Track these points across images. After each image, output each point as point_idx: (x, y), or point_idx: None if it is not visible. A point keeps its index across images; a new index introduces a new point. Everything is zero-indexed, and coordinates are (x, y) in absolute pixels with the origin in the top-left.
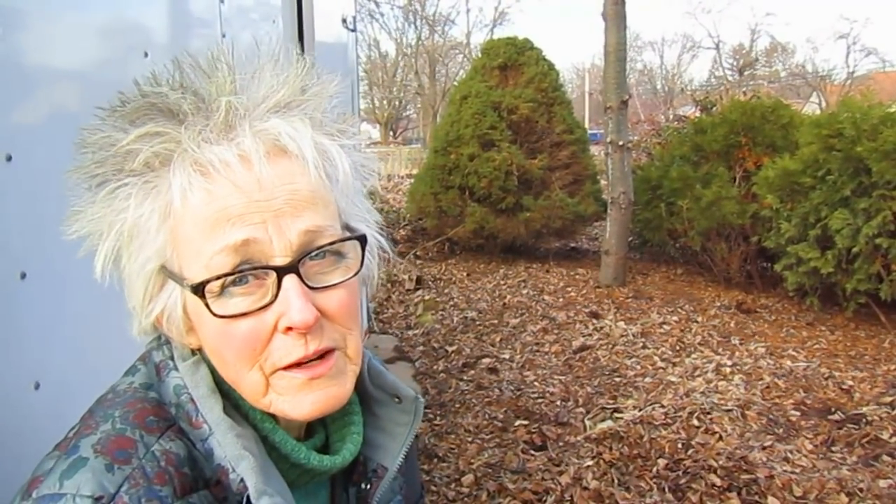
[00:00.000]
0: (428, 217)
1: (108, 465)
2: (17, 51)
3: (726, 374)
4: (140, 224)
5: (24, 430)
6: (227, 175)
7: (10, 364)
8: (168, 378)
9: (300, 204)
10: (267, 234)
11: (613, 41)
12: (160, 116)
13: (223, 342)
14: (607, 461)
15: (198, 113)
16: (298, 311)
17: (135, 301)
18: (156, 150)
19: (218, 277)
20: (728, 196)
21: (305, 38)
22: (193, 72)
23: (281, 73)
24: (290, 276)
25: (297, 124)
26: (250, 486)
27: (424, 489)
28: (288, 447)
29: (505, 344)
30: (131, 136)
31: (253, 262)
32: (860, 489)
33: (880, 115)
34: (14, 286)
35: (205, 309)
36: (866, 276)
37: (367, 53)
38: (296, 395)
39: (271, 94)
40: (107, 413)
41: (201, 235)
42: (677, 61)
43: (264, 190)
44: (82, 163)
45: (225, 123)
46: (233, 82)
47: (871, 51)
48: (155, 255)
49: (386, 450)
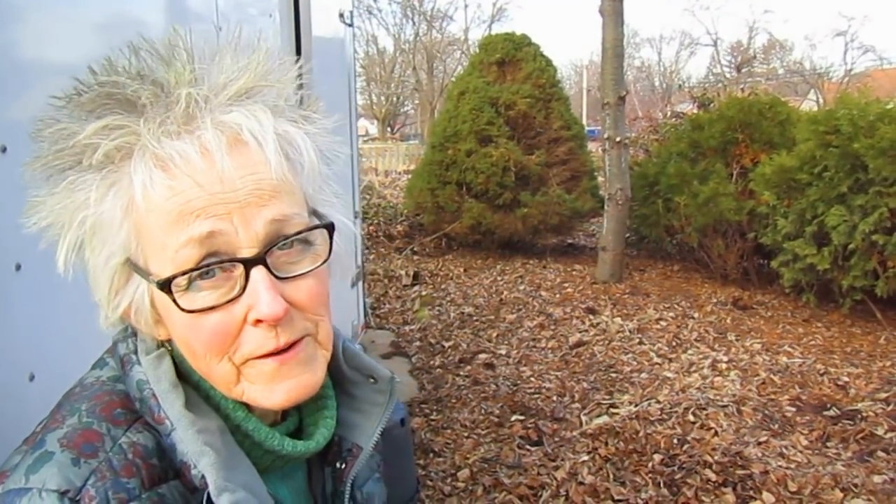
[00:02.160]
0: (425, 213)
1: (75, 458)
2: (13, 44)
3: (722, 370)
4: (102, 218)
5: (18, 422)
6: (188, 170)
7: (6, 355)
8: (132, 372)
9: (265, 194)
10: (232, 226)
11: (611, 37)
12: (118, 107)
13: (192, 335)
14: (603, 456)
15: (157, 103)
16: (267, 305)
17: (100, 294)
18: (116, 145)
19: (184, 273)
20: (725, 192)
21: (302, 32)
22: (151, 58)
23: (241, 59)
24: (258, 267)
25: (259, 115)
26: (210, 483)
27: (420, 484)
28: (261, 435)
29: (501, 339)
30: (89, 129)
31: (219, 255)
32: (855, 484)
33: (877, 112)
34: (9, 278)
35: (172, 303)
36: (862, 272)
37: (364, 49)
38: (267, 384)
39: (232, 81)
40: (73, 407)
41: (165, 229)
42: (675, 58)
43: (227, 182)
44: (40, 154)
45: (185, 115)
46: (192, 71)
47: (868, 48)
48: (119, 249)
49: (361, 429)
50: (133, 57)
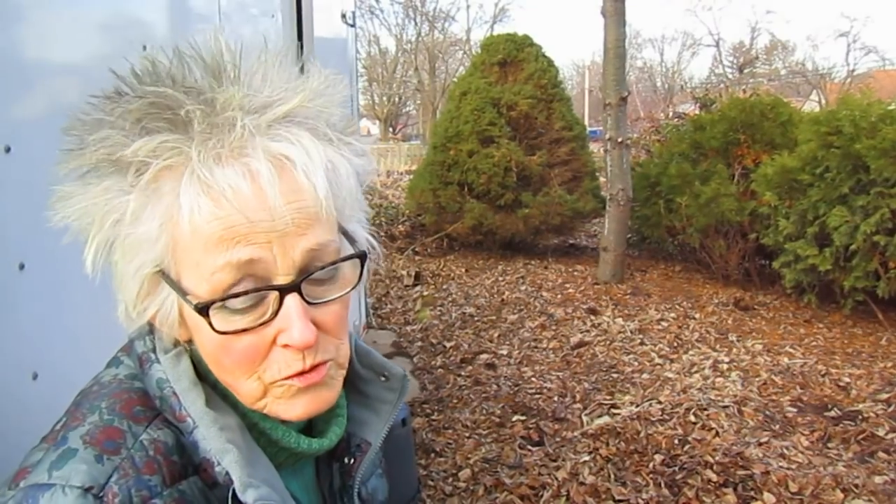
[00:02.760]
0: (427, 213)
1: (98, 455)
2: (17, 44)
3: (723, 371)
4: (138, 228)
5: (22, 421)
6: (237, 201)
7: (9, 354)
8: (151, 371)
9: (305, 222)
10: (271, 254)
11: (613, 38)
12: (166, 123)
13: (222, 353)
14: (604, 456)
15: (204, 121)
16: (300, 333)
17: (126, 298)
18: (165, 165)
19: (223, 299)
20: (727, 193)
21: (304, 33)
22: (196, 66)
23: (290, 79)
24: (293, 294)
25: (309, 145)
26: (235, 479)
27: (421, 484)
28: (278, 433)
29: (503, 340)
30: (138, 146)
31: (255, 279)
32: (855, 485)
33: (879, 113)
34: (12, 277)
35: (201, 318)
36: (864, 273)
37: (366, 49)
38: (289, 400)
39: (280, 101)
40: (93, 405)
41: (203, 249)
42: (677, 59)
43: (272, 211)
44: (79, 154)
45: (238, 143)
46: (245, 95)
47: (871, 49)
48: (151, 260)
49: (370, 426)
50: (177, 63)
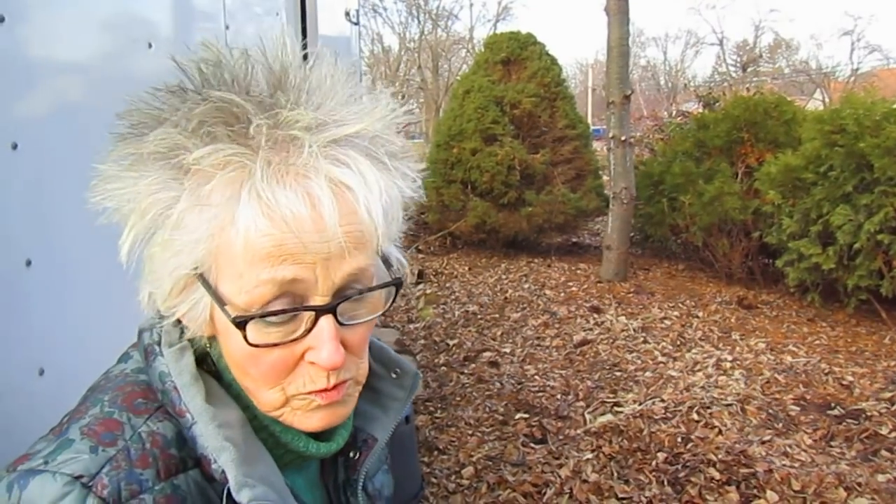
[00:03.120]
0: (430, 211)
1: (93, 446)
2: (23, 42)
3: (726, 369)
4: (184, 228)
5: (28, 416)
6: (294, 225)
7: (16, 350)
8: (154, 363)
9: (351, 246)
10: (314, 275)
11: (616, 36)
12: (229, 131)
13: (250, 363)
14: (607, 454)
15: (270, 137)
16: (329, 355)
17: (157, 291)
18: (228, 178)
19: (262, 315)
20: (730, 192)
21: (308, 31)
22: (263, 74)
23: (354, 98)
24: (327, 317)
25: (367, 172)
26: (230, 478)
27: (425, 481)
28: (287, 437)
29: (506, 338)
30: (200, 154)
31: (293, 296)
32: (858, 483)
33: (883, 111)
34: (19, 273)
35: (235, 330)
36: (867, 272)
37: (370, 48)
38: (307, 413)
39: (345, 124)
40: (97, 398)
41: (249, 262)
42: (681, 57)
43: (323, 234)
44: (135, 143)
45: (302, 164)
46: (313, 118)
47: (875, 48)
48: (192, 262)
49: (378, 422)
50: (243, 67)
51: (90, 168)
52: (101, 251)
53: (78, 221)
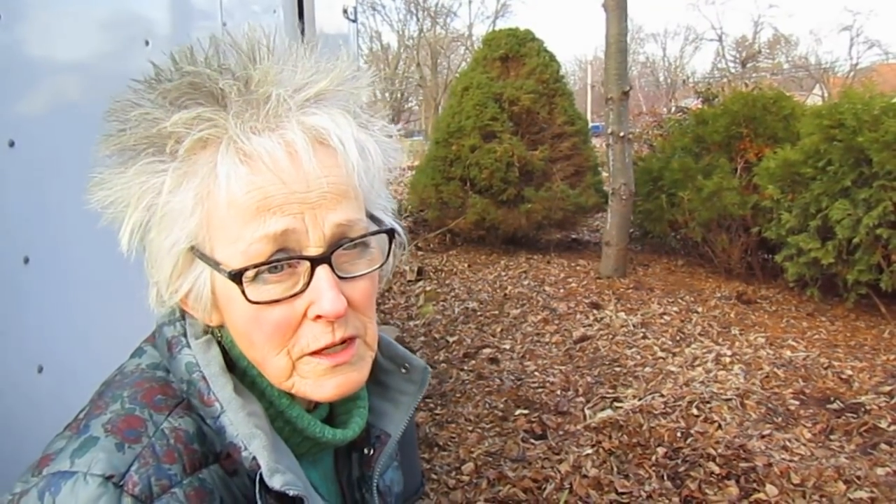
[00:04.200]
0: (429, 208)
1: (119, 444)
2: (21, 40)
3: (726, 364)
4: (173, 204)
5: (27, 413)
6: (274, 167)
7: (14, 347)
8: (180, 355)
9: (336, 197)
10: (304, 225)
11: (614, 32)
12: (202, 98)
13: (253, 326)
14: (607, 450)
15: (241, 99)
16: (330, 302)
17: (160, 277)
18: (202, 136)
19: (256, 266)
20: (729, 187)
21: (306, 28)
22: (232, 53)
23: (319, 62)
24: (323, 266)
25: (340, 119)
26: (263, 464)
27: (425, 477)
28: (304, 422)
29: (506, 334)
30: (176, 118)
31: (288, 251)
32: (858, 477)
33: (882, 106)
34: (17, 270)
35: (237, 293)
36: (867, 266)
37: (368, 45)
38: (318, 379)
39: (311, 83)
40: (115, 394)
41: (239, 221)
42: (680, 53)
43: (305, 182)
44: (118, 136)
45: (273, 114)
46: (279, 72)
47: (874, 43)
48: (185, 236)
49: (390, 417)
50: (213, 50)
51: (88, 165)
52: (100, 248)
53: (76, 218)
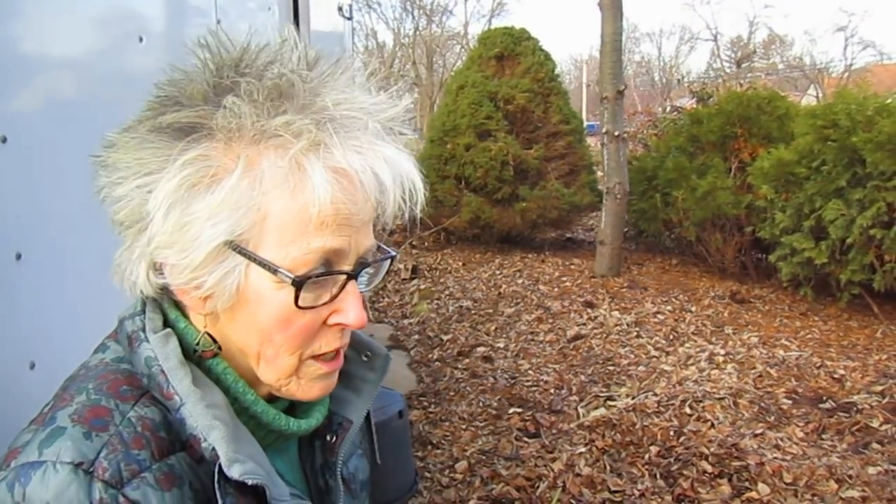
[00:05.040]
0: (424, 207)
1: (86, 432)
2: (14, 36)
3: (719, 363)
4: (232, 198)
5: (19, 410)
6: (354, 188)
7: (6, 344)
8: (140, 349)
9: (369, 222)
10: (350, 246)
11: (610, 31)
12: (288, 106)
13: (281, 327)
14: (600, 448)
15: (333, 113)
16: (358, 314)
17: (184, 263)
18: (292, 147)
19: (317, 276)
20: (723, 187)
21: (301, 26)
22: (304, 60)
23: (371, 89)
24: (353, 281)
25: (404, 155)
26: (221, 455)
27: (419, 476)
28: (269, 417)
29: (500, 333)
30: (277, 122)
31: (328, 264)
32: (849, 476)
33: (875, 106)
34: (9, 267)
35: (272, 293)
36: (860, 266)
37: (364, 43)
38: (311, 382)
39: (382, 109)
40: (80, 386)
41: (300, 228)
42: (675, 53)
43: (362, 207)
44: (187, 112)
45: (366, 138)
46: (367, 101)
47: (869, 43)
48: (233, 230)
49: (352, 405)
50: (279, 46)
51: (81, 161)
52: (92, 244)
53: (68, 215)
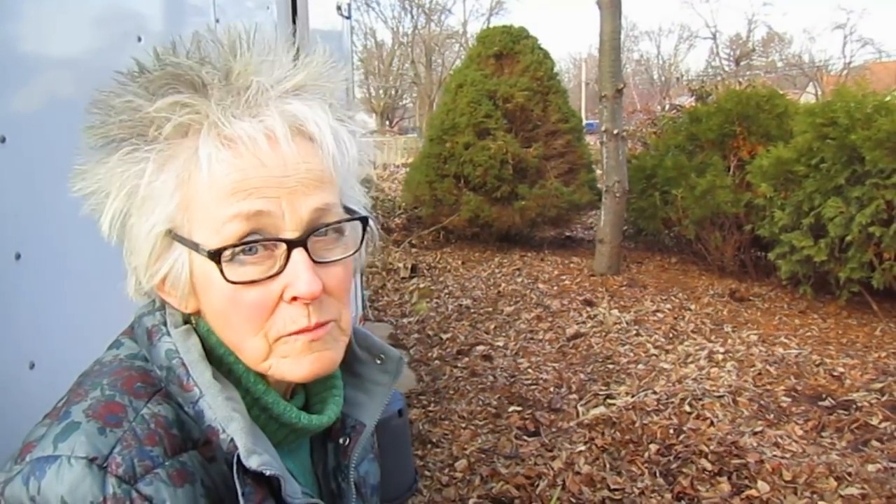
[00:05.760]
0: (423, 206)
1: (101, 428)
2: (12, 36)
3: (718, 361)
4: (154, 188)
5: (19, 410)
6: (254, 150)
7: (6, 344)
8: (160, 343)
9: (312, 183)
10: (280, 209)
11: (609, 30)
12: (183, 87)
13: (231, 308)
14: (599, 446)
15: (222, 87)
16: (306, 283)
17: (138, 261)
18: (183, 120)
19: (234, 245)
20: (722, 185)
21: (299, 25)
22: (214, 47)
23: (298, 58)
24: (299, 249)
25: (317, 109)
26: (240, 445)
27: (418, 474)
28: (280, 408)
29: (499, 331)
30: (157, 104)
31: (263, 233)
32: (849, 473)
33: (874, 104)
34: (9, 267)
35: (214, 274)
36: (859, 264)
37: (363, 42)
38: (297, 357)
39: (289, 76)
40: (95, 382)
41: (216, 202)
42: (674, 51)
43: (283, 167)
44: (102, 123)
45: (253, 101)
46: (259, 63)
47: (867, 41)
48: (164, 219)
49: (364, 407)
50: (195, 45)
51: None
52: (91, 244)
53: (68, 214)
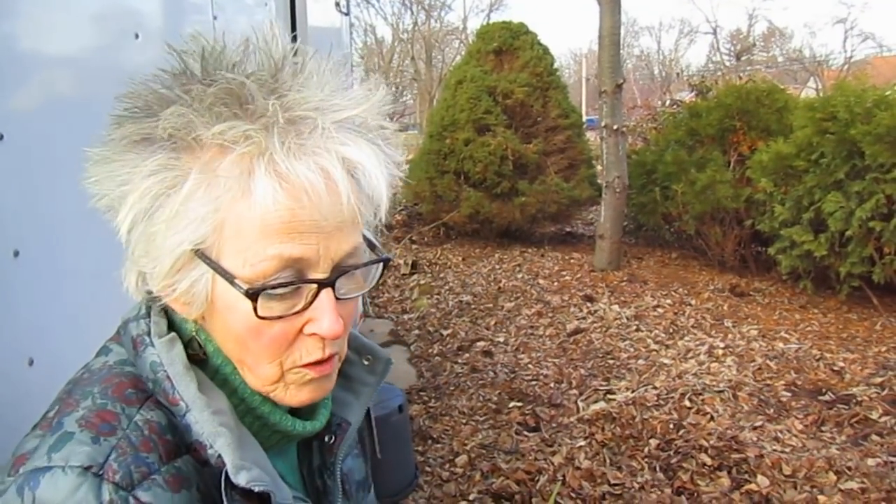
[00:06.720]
0: (423, 202)
1: (94, 437)
2: (10, 33)
3: (718, 356)
4: (190, 207)
5: (18, 407)
6: (309, 194)
7: (4, 340)
8: (145, 353)
9: (347, 226)
10: (317, 253)
11: (608, 25)
12: (238, 109)
13: (251, 337)
14: (600, 441)
15: (282, 118)
16: (331, 323)
17: (155, 270)
18: (243, 153)
19: (273, 287)
20: (722, 180)
21: (298, 21)
22: (266, 64)
23: (347, 85)
24: (327, 290)
25: (368, 151)
26: (228, 462)
27: (419, 470)
28: (276, 417)
29: (499, 327)
30: (215, 129)
31: (297, 274)
32: (848, 468)
33: (874, 99)
34: (7, 264)
35: (242, 304)
36: (859, 259)
37: (363, 39)
38: (299, 388)
39: (345, 108)
40: (85, 390)
41: (258, 236)
42: (674, 46)
43: (334, 209)
44: (147, 124)
45: (309, 138)
46: (321, 98)
47: (868, 35)
48: (197, 238)
49: (350, 407)
50: (241, 54)
51: (77, 158)
52: (90, 241)
53: (66, 212)
